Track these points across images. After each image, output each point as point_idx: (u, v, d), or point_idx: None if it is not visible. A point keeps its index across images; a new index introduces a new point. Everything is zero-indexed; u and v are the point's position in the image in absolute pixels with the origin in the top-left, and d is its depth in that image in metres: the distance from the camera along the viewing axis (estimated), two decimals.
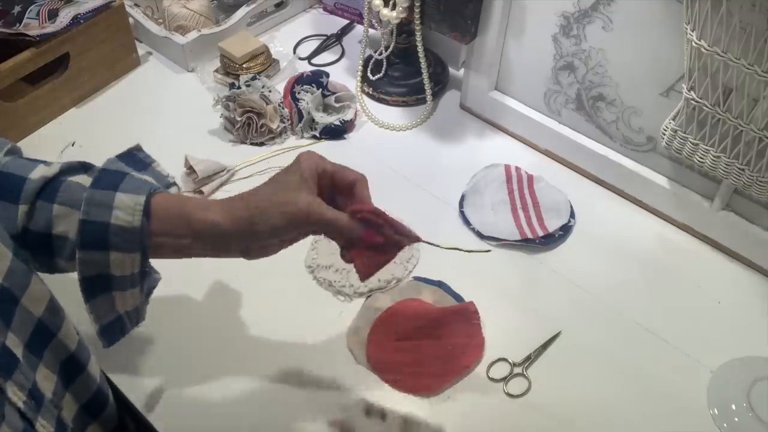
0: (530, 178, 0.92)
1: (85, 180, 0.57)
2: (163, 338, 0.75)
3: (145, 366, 0.73)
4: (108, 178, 0.57)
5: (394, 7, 0.94)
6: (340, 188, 0.61)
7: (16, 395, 0.48)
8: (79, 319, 0.58)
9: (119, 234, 0.54)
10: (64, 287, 0.57)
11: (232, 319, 0.78)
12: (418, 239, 0.62)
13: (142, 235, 0.55)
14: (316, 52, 1.16)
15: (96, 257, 0.55)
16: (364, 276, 0.62)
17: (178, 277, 0.82)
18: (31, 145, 0.97)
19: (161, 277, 0.65)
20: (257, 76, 1.01)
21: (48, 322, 0.55)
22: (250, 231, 0.57)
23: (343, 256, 0.62)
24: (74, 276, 0.56)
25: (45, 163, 0.58)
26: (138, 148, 0.64)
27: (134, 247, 0.55)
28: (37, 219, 0.55)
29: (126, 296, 0.58)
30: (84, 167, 0.59)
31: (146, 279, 0.60)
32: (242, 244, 0.59)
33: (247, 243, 0.59)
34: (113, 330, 0.60)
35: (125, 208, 0.55)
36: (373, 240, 0.59)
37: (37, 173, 0.56)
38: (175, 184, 0.67)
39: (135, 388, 0.71)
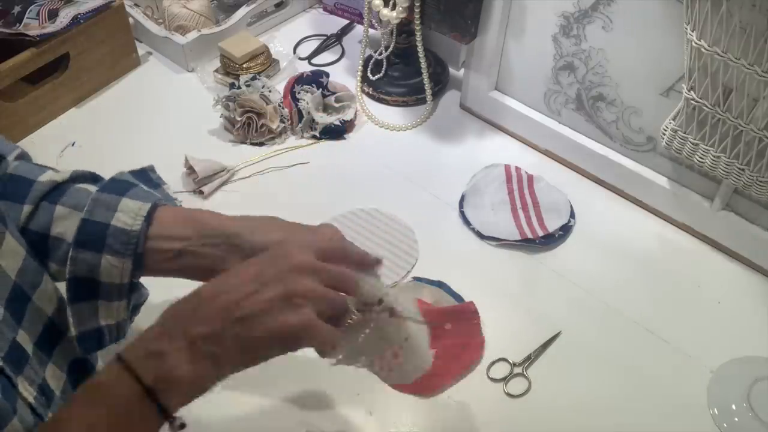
0: (530, 178, 0.92)
1: (92, 189, 0.57)
2: None
3: None
4: (117, 185, 0.57)
5: (394, 7, 0.94)
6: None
7: (26, 390, 0.49)
8: None
9: (116, 236, 0.54)
10: None
11: None
12: None
13: (139, 239, 0.55)
14: (316, 52, 1.15)
15: (88, 257, 0.54)
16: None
17: (180, 283, 0.82)
18: (31, 145, 0.97)
19: (149, 293, 0.63)
20: (257, 76, 1.01)
21: (58, 322, 0.55)
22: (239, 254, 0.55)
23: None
24: None
25: (54, 169, 0.58)
26: (151, 169, 0.64)
27: (128, 251, 0.55)
28: (38, 219, 0.56)
29: (111, 308, 0.57)
30: (94, 178, 0.60)
31: (134, 294, 0.59)
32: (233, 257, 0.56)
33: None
34: (91, 339, 0.57)
35: (128, 211, 0.55)
36: None
37: (46, 177, 0.57)
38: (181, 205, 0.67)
39: None
